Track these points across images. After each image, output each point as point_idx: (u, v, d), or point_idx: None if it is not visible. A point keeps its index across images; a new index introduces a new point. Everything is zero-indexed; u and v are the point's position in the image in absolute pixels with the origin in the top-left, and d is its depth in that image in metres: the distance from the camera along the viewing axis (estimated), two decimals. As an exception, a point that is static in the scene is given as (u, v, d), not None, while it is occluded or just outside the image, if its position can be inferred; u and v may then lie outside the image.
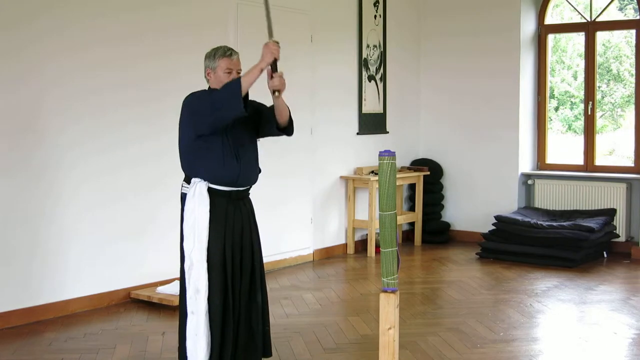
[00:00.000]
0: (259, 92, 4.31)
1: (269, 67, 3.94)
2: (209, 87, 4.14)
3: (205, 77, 4.15)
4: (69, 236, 5.72)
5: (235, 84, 3.86)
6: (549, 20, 8.81)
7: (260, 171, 4.26)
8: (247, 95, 3.94)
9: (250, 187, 4.22)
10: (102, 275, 5.93)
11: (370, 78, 8.50)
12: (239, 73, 4.08)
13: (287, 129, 4.23)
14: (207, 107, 3.91)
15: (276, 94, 4.00)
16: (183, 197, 4.10)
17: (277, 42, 3.95)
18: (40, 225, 5.56)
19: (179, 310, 4.12)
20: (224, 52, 4.07)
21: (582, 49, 8.78)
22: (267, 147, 7.13)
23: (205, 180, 4.02)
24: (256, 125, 4.22)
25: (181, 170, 4.15)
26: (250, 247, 4.17)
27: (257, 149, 4.25)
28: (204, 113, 3.92)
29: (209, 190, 4.01)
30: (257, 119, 4.20)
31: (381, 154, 3.43)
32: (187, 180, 4.09)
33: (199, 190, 4.00)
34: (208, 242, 3.98)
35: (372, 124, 8.57)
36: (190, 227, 3.99)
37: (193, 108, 4.00)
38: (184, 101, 4.09)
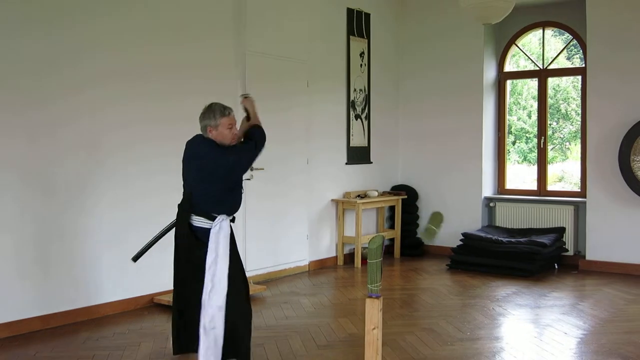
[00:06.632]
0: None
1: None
2: (213, 140, 4.00)
3: (206, 134, 4.02)
4: (101, 250, 5.72)
5: (261, 129, 4.21)
6: (508, 68, 8.90)
7: None
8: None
9: None
10: (129, 283, 5.92)
11: (357, 117, 8.54)
12: (235, 125, 4.06)
13: None
14: (254, 152, 4.11)
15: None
16: (199, 230, 3.96)
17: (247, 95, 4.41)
18: (75, 241, 5.56)
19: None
20: (222, 112, 3.97)
21: (535, 92, 8.86)
22: (270, 174, 7.17)
23: (226, 214, 3.99)
24: None
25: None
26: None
27: None
28: (252, 158, 4.09)
29: None
30: None
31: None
32: (207, 216, 3.96)
33: (225, 225, 3.95)
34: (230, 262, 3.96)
35: (358, 155, 8.61)
36: (212, 260, 3.91)
37: (244, 161, 4.01)
38: (214, 158, 3.93)
